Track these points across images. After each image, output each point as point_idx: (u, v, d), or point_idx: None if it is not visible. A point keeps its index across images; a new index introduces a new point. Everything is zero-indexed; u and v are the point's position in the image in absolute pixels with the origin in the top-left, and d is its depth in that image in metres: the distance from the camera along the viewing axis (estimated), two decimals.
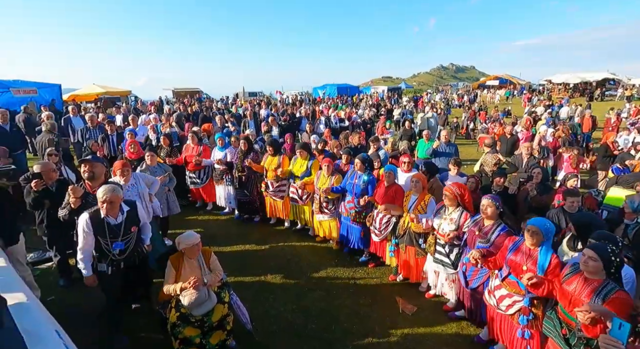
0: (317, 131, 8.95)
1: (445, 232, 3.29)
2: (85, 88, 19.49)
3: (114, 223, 2.75)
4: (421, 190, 3.70)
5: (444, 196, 3.37)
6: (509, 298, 2.65)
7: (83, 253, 2.74)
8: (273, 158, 5.20)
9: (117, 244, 2.77)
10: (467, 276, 3.14)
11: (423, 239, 3.64)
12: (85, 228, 2.67)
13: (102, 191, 2.68)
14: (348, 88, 33.99)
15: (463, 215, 3.28)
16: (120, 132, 6.95)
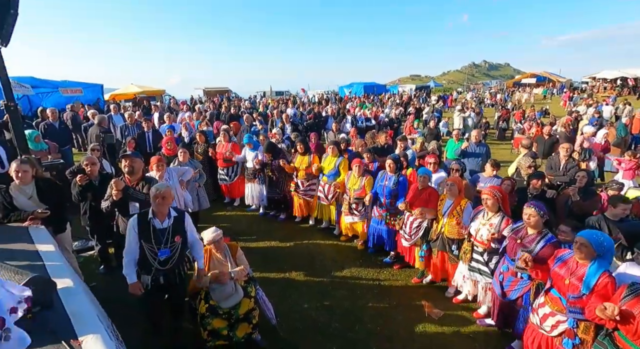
0: (343, 130, 8.93)
1: (484, 239, 3.11)
2: (124, 88, 20.66)
3: (159, 227, 2.64)
4: (456, 194, 3.55)
5: (484, 200, 3.16)
6: (552, 317, 2.38)
7: (127, 256, 2.65)
8: (303, 157, 5.23)
9: (162, 251, 2.64)
10: (505, 286, 2.93)
11: (457, 246, 3.50)
12: (132, 229, 2.61)
13: (157, 186, 2.67)
14: (375, 87, 33.59)
15: (504, 221, 3.07)
16: (156, 129, 7.32)
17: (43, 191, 3.22)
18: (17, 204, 3.12)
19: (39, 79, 13.33)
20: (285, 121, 8.84)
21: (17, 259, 2.36)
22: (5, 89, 3.49)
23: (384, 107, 16.33)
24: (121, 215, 3.36)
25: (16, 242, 2.71)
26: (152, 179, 3.52)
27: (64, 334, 1.74)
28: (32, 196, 3.19)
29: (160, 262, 2.66)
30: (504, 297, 2.94)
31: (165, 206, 2.65)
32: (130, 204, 3.31)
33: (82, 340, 1.70)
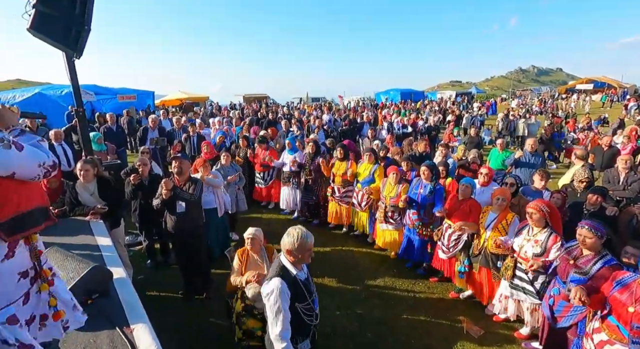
0: (379, 137, 8.84)
1: (529, 255, 2.91)
2: (172, 94, 22.17)
3: (303, 278, 2.11)
4: (504, 208, 3.36)
5: (528, 215, 2.97)
6: (610, 345, 2.14)
7: (283, 336, 1.91)
8: (341, 163, 5.24)
9: (315, 302, 2.19)
10: (556, 311, 2.65)
11: (502, 262, 3.27)
12: (283, 295, 1.93)
13: (302, 236, 2.02)
14: (412, 93, 32.92)
15: (551, 237, 2.85)
16: (200, 134, 7.75)
17: (103, 188, 3.55)
18: (81, 199, 3.47)
19: (101, 87, 14.72)
20: (319, 126, 8.93)
21: (80, 249, 2.62)
22: (76, 96, 3.91)
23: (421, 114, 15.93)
24: (169, 213, 3.59)
25: (79, 234, 3.00)
26: (198, 180, 3.73)
27: (118, 321, 1.90)
28: (93, 193, 3.53)
29: (317, 316, 2.21)
30: (554, 323, 2.67)
31: (308, 257, 2.07)
32: (177, 203, 3.53)
33: (133, 328, 1.85)
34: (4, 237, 1.20)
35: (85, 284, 1.98)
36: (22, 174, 1.24)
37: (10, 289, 1.24)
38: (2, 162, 1.17)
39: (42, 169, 1.28)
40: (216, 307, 3.50)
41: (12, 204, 1.24)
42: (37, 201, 1.36)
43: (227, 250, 3.54)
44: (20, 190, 1.27)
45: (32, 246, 1.34)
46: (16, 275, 1.25)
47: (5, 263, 1.21)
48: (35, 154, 1.28)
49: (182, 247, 3.70)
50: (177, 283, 3.84)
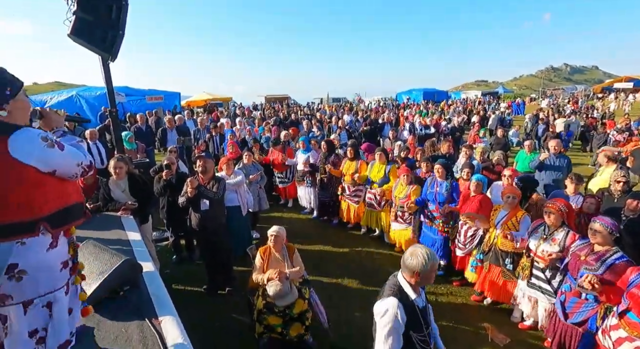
0: (401, 138, 8.72)
1: (546, 255, 2.89)
2: (197, 95, 22.85)
3: (422, 305, 1.89)
4: (514, 206, 3.36)
5: (546, 214, 2.97)
6: (630, 342, 2.14)
7: None
8: (351, 163, 5.29)
9: (431, 335, 1.96)
10: (567, 307, 2.67)
11: (510, 260, 3.29)
12: (395, 322, 1.73)
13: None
14: (435, 93, 32.24)
15: (570, 235, 2.84)
16: (222, 134, 7.95)
17: (133, 185, 3.72)
18: (114, 196, 3.64)
19: (131, 88, 15.40)
20: (342, 127, 8.94)
21: (112, 243, 2.75)
22: (110, 97, 4.12)
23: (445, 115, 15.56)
24: (193, 211, 3.71)
25: (111, 228, 3.15)
26: (222, 178, 3.83)
27: (147, 313, 1.98)
28: (125, 190, 3.70)
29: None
30: (565, 319, 2.68)
31: (432, 278, 1.87)
32: (201, 201, 3.64)
33: (161, 320, 1.92)
34: (49, 229, 1.29)
35: (117, 277, 2.09)
36: (62, 172, 1.33)
37: (55, 276, 1.33)
38: (45, 160, 1.26)
39: (80, 168, 1.37)
40: (238, 303, 3.58)
41: (56, 199, 1.33)
42: (76, 198, 1.45)
43: (249, 248, 3.62)
44: (62, 186, 1.36)
45: (71, 238, 1.43)
46: (59, 264, 1.34)
47: (51, 252, 1.30)
48: (75, 154, 1.37)
49: (205, 243, 3.82)
50: (201, 279, 3.96)
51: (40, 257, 1.27)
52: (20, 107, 1.31)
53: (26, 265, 1.24)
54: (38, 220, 1.26)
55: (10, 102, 1.26)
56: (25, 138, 1.23)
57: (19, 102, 1.30)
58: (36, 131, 1.28)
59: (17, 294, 1.24)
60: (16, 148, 1.19)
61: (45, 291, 1.30)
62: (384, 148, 5.45)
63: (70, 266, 1.41)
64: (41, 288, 1.29)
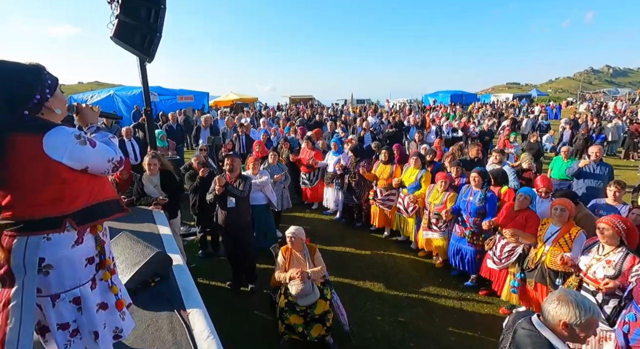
0: (427, 141, 8.54)
1: (598, 277, 2.60)
2: (224, 95, 23.47)
3: None
4: (566, 220, 3.06)
5: (599, 230, 2.65)
6: None
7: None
8: (385, 166, 5.18)
9: None
10: (631, 340, 2.36)
11: (562, 279, 2.97)
12: None
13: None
14: (463, 95, 31.29)
15: (628, 259, 2.52)
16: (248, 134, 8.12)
17: (165, 181, 3.87)
18: (147, 191, 3.81)
19: (164, 88, 16.07)
20: (366, 129, 8.88)
21: (144, 236, 2.87)
22: (146, 96, 4.32)
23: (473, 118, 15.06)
24: (220, 208, 3.81)
25: (144, 222, 3.30)
26: (248, 177, 3.91)
27: (176, 304, 2.05)
28: (157, 185, 3.86)
29: None
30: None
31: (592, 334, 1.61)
32: (228, 199, 3.73)
33: (189, 312, 1.99)
34: (74, 226, 1.30)
35: (150, 268, 2.18)
36: (94, 168, 1.35)
37: (79, 272, 1.34)
38: (77, 157, 1.28)
39: (111, 164, 1.39)
40: (260, 300, 3.64)
41: (84, 196, 1.35)
42: (107, 194, 1.47)
43: (272, 246, 3.66)
44: (92, 184, 1.38)
45: (97, 235, 1.43)
46: (84, 260, 1.36)
47: (75, 249, 1.32)
48: (106, 150, 1.39)
49: (230, 240, 3.90)
50: (225, 274, 4.06)
51: (65, 253, 1.28)
52: (59, 103, 1.36)
53: (52, 260, 1.26)
54: (64, 216, 1.28)
55: (50, 99, 1.31)
56: (59, 136, 1.25)
57: (57, 98, 1.35)
58: (70, 130, 1.29)
59: (45, 288, 1.27)
60: (50, 146, 1.22)
61: (70, 286, 1.32)
62: (420, 153, 5.31)
63: (97, 261, 1.42)
64: (66, 282, 1.31)
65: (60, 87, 1.40)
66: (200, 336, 1.79)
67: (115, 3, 3.51)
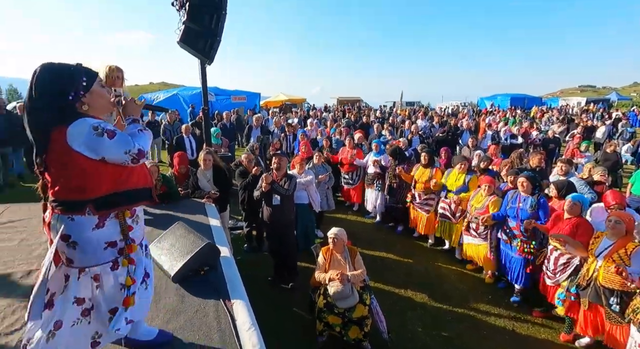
0: (482, 146, 7.99)
1: None
2: (274, 96, 24.30)
3: None
4: (622, 234, 2.76)
5: None
6: None
7: None
8: (425, 170, 5.02)
9: None
10: None
11: (617, 299, 2.66)
12: None
13: None
14: (525, 99, 28.79)
15: None
16: (295, 133, 8.31)
17: (217, 176, 4.11)
18: (200, 184, 4.08)
19: (220, 89, 17.13)
20: (414, 132, 8.57)
21: (196, 226, 3.06)
22: (204, 96, 4.63)
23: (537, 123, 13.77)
24: (266, 204, 3.94)
25: (196, 214, 3.53)
26: (293, 176, 3.99)
27: (222, 294, 2.16)
28: (209, 180, 4.12)
29: None
30: None
31: None
32: (273, 196, 3.85)
33: (233, 302, 2.08)
34: (93, 212, 1.38)
35: (200, 257, 2.33)
36: (111, 159, 1.39)
37: (99, 253, 1.42)
38: (93, 148, 1.35)
39: (129, 156, 1.40)
40: (300, 298, 3.69)
41: (107, 184, 1.40)
42: (134, 183, 1.50)
43: (314, 246, 3.71)
44: (116, 173, 1.43)
45: (123, 221, 1.48)
46: (103, 243, 1.42)
47: (96, 232, 1.40)
48: (124, 142, 1.40)
49: (274, 237, 4.03)
50: (267, 269, 4.18)
51: (86, 234, 1.38)
52: (96, 98, 1.44)
53: (76, 238, 1.38)
54: (86, 201, 1.36)
55: (86, 96, 1.41)
56: (78, 128, 1.33)
57: (94, 94, 1.43)
58: (90, 121, 1.36)
59: (75, 260, 1.42)
60: (71, 136, 1.32)
61: (91, 264, 1.42)
62: (465, 156, 5.07)
63: (120, 246, 1.47)
64: (89, 260, 1.41)
65: (101, 83, 1.48)
66: (242, 327, 1.86)
67: (183, 10, 3.83)
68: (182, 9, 3.96)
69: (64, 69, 1.39)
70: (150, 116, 9.76)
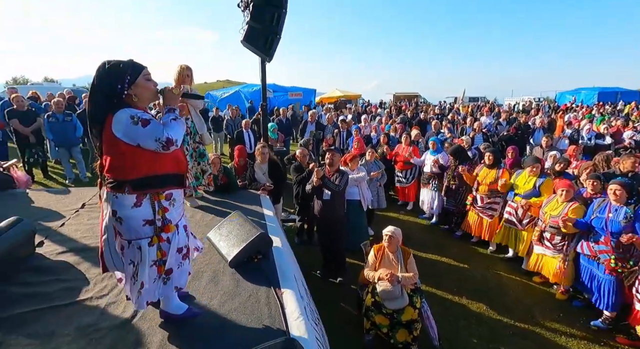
0: (558, 147, 7.12)
1: None
2: (330, 92, 24.45)
3: None
4: None
5: None
6: None
7: None
8: (490, 170, 4.62)
9: None
10: None
11: None
12: None
13: None
14: (619, 93, 24.74)
15: None
16: (349, 129, 8.26)
17: (272, 169, 4.29)
18: (257, 176, 4.29)
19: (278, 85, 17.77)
20: (477, 130, 7.93)
21: (251, 216, 3.24)
22: (263, 93, 4.84)
23: (634, 122, 11.78)
24: (317, 198, 4.00)
25: (252, 204, 3.71)
26: (345, 172, 3.98)
27: (273, 282, 2.25)
28: (265, 172, 4.31)
29: None
30: None
31: None
32: (324, 191, 3.88)
33: (283, 291, 2.16)
34: (130, 191, 1.55)
35: (255, 245, 2.45)
36: (144, 145, 1.54)
37: (139, 229, 1.61)
38: (129, 135, 1.51)
39: (158, 143, 1.53)
40: (348, 294, 3.69)
41: (143, 168, 1.57)
42: (168, 169, 1.66)
43: (364, 243, 3.66)
44: (152, 158, 1.58)
45: (159, 201, 1.64)
46: (141, 220, 1.61)
47: (135, 210, 1.58)
48: (155, 130, 1.53)
49: (324, 231, 4.07)
50: (316, 262, 4.25)
51: (127, 211, 1.57)
52: (141, 90, 1.59)
53: (120, 214, 1.57)
54: (125, 181, 1.54)
55: (132, 88, 1.56)
56: (119, 116, 1.50)
57: (138, 86, 1.58)
58: (129, 111, 1.52)
59: (123, 233, 1.62)
60: (113, 124, 1.50)
61: (133, 237, 1.62)
62: (537, 157, 4.56)
63: (158, 225, 1.64)
64: (131, 234, 1.61)
65: (146, 77, 1.62)
66: (291, 316, 1.92)
67: (247, 11, 4.03)
68: (246, 10, 4.17)
69: (114, 65, 1.56)
70: (215, 111, 10.51)
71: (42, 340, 1.71)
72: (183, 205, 1.84)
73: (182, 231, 1.79)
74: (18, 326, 1.76)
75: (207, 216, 3.35)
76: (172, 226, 1.69)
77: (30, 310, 1.93)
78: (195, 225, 3.13)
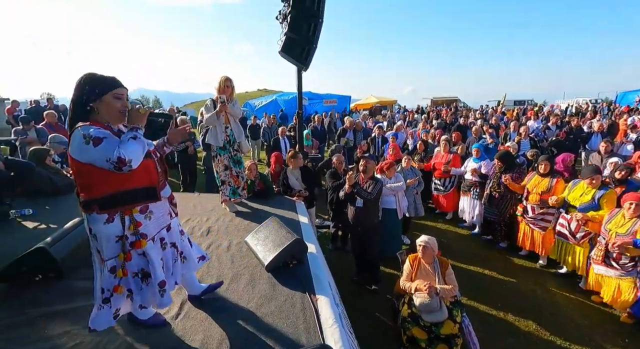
0: (620, 153, 6.46)
1: None
2: (365, 98, 24.36)
3: None
4: None
5: None
6: None
7: None
8: (542, 179, 4.27)
9: None
10: None
11: None
12: None
13: None
14: None
15: None
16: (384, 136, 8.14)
17: (305, 175, 4.35)
18: (290, 182, 4.37)
19: (313, 93, 18.09)
20: (523, 135, 7.43)
21: (286, 222, 3.28)
22: (299, 101, 4.95)
23: None
24: (350, 205, 3.97)
25: (287, 210, 3.77)
26: (379, 180, 3.93)
27: (308, 288, 2.26)
28: (298, 178, 4.38)
29: None
30: None
31: None
32: (356, 198, 3.85)
33: (318, 298, 2.16)
34: (97, 210, 1.52)
35: (290, 250, 2.49)
36: (98, 165, 1.46)
37: (112, 246, 1.59)
38: (81, 154, 1.46)
39: (109, 163, 1.43)
40: (382, 303, 3.60)
41: (109, 184, 1.52)
42: (139, 183, 1.61)
43: (399, 252, 3.56)
44: (111, 176, 1.49)
45: (131, 216, 1.59)
46: (114, 237, 1.57)
47: (107, 226, 1.55)
48: (106, 150, 1.44)
49: (357, 238, 4.02)
50: (350, 270, 4.20)
51: (101, 228, 1.54)
52: (104, 107, 1.54)
53: (95, 231, 1.56)
54: (94, 200, 1.52)
55: (96, 102, 1.52)
56: (74, 135, 1.46)
57: (103, 102, 1.54)
58: (84, 130, 1.45)
59: (101, 251, 1.59)
60: (71, 144, 1.47)
61: (107, 257, 1.59)
62: (596, 166, 4.14)
63: (131, 240, 1.59)
64: (106, 253, 1.58)
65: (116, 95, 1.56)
66: (325, 323, 1.91)
67: (285, 23, 4.18)
68: (284, 22, 4.32)
69: (89, 77, 1.55)
70: (252, 120, 10.91)
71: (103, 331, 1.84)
72: (169, 216, 1.81)
73: (158, 245, 1.73)
74: (82, 318, 1.90)
75: (244, 221, 3.46)
76: (144, 242, 1.63)
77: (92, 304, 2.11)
78: (235, 229, 3.25)
